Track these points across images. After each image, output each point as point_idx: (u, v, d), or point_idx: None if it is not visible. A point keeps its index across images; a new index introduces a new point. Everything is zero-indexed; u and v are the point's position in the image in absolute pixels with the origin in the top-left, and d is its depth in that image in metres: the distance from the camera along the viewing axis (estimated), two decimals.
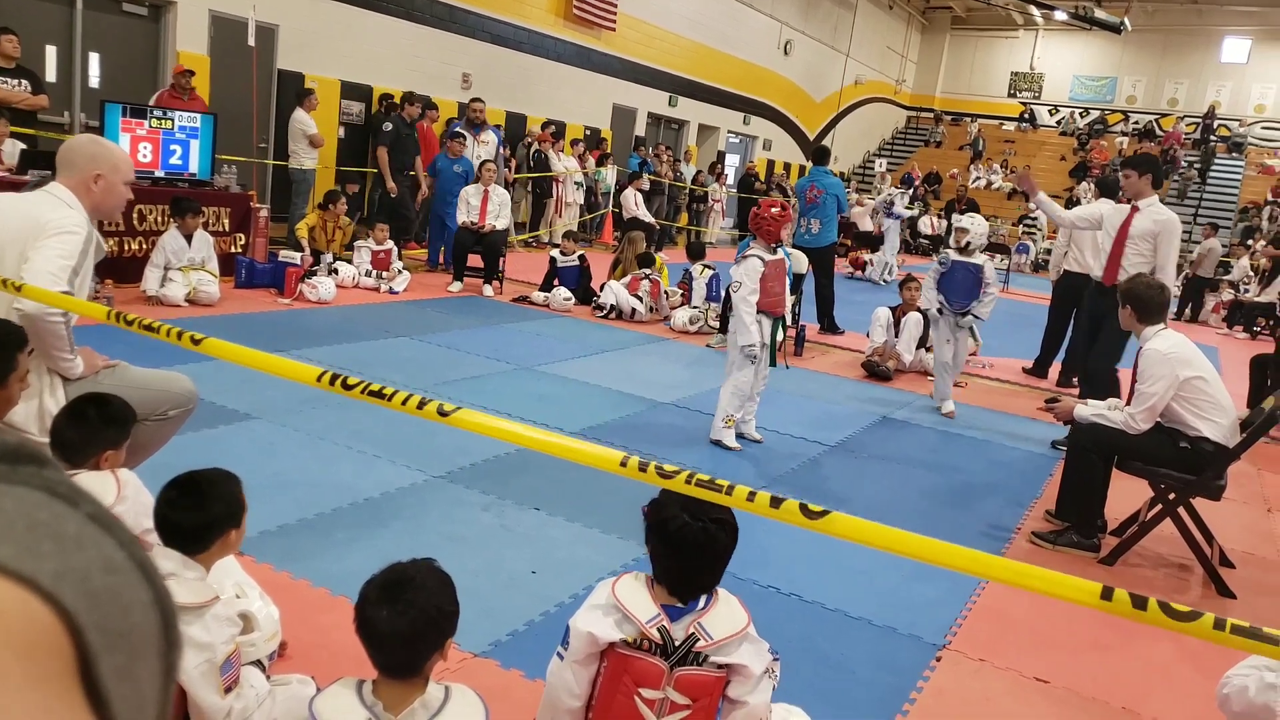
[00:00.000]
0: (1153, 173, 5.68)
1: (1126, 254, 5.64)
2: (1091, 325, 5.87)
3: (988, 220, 20.51)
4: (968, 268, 6.10)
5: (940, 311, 6.15)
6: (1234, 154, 24.32)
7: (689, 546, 1.82)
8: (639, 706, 1.85)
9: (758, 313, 4.77)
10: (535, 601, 3.03)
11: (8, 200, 2.75)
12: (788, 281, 5.09)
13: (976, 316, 6.11)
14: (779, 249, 4.92)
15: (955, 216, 6.57)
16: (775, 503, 1.56)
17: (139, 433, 2.52)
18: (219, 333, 6.48)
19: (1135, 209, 5.67)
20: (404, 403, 1.84)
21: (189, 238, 6.84)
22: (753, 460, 4.88)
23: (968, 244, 6.08)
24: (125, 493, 2.27)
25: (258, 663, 2.17)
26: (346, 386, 1.89)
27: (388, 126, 9.71)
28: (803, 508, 1.54)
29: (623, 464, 1.67)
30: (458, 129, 10.22)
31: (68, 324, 2.59)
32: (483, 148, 10.13)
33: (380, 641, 1.67)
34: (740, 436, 5.03)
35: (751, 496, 1.57)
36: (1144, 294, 4.10)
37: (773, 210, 4.87)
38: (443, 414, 1.82)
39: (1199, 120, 24.93)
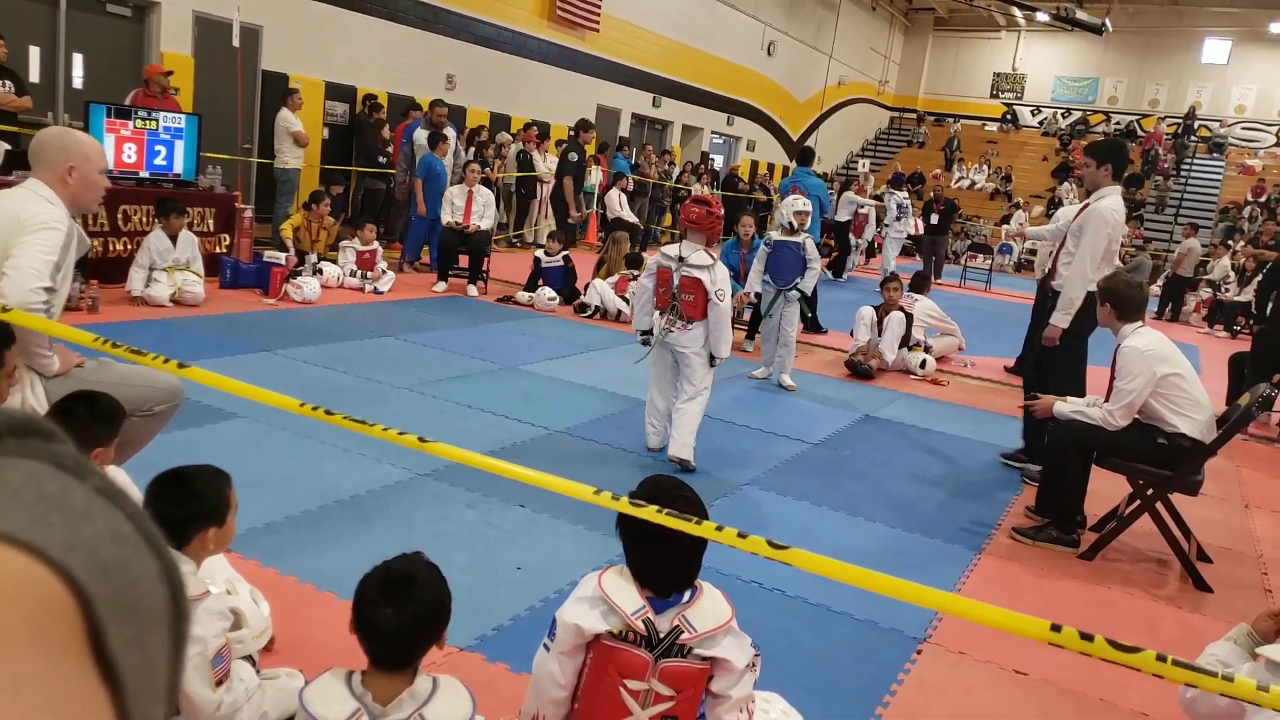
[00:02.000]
0: (1113, 163, 4.82)
1: (1060, 254, 5.00)
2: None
3: (969, 220, 20.41)
4: (790, 247, 6.51)
5: (766, 287, 6.61)
6: (1214, 154, 24.56)
7: (654, 538, 1.84)
8: (624, 697, 1.88)
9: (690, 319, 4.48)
10: (521, 596, 3.06)
11: None
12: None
13: (800, 290, 6.58)
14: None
15: (789, 199, 6.93)
16: (742, 535, 1.62)
17: (126, 428, 2.53)
18: (204, 333, 6.45)
19: (1086, 205, 4.94)
20: (384, 431, 1.88)
21: (174, 238, 6.83)
22: (735, 459, 4.92)
23: (800, 225, 6.54)
24: None
25: (248, 657, 2.19)
26: (328, 415, 1.93)
27: (574, 156, 9.79)
28: (768, 542, 1.60)
29: (596, 493, 1.74)
30: (418, 129, 10.24)
31: (49, 313, 2.60)
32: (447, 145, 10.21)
33: (385, 638, 1.70)
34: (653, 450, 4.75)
35: (719, 529, 1.63)
36: (1123, 291, 4.14)
37: (715, 210, 4.57)
38: (422, 441, 1.86)
39: (1180, 121, 25.17)
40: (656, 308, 4.60)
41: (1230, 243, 17.28)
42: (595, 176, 14.67)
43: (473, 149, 11.09)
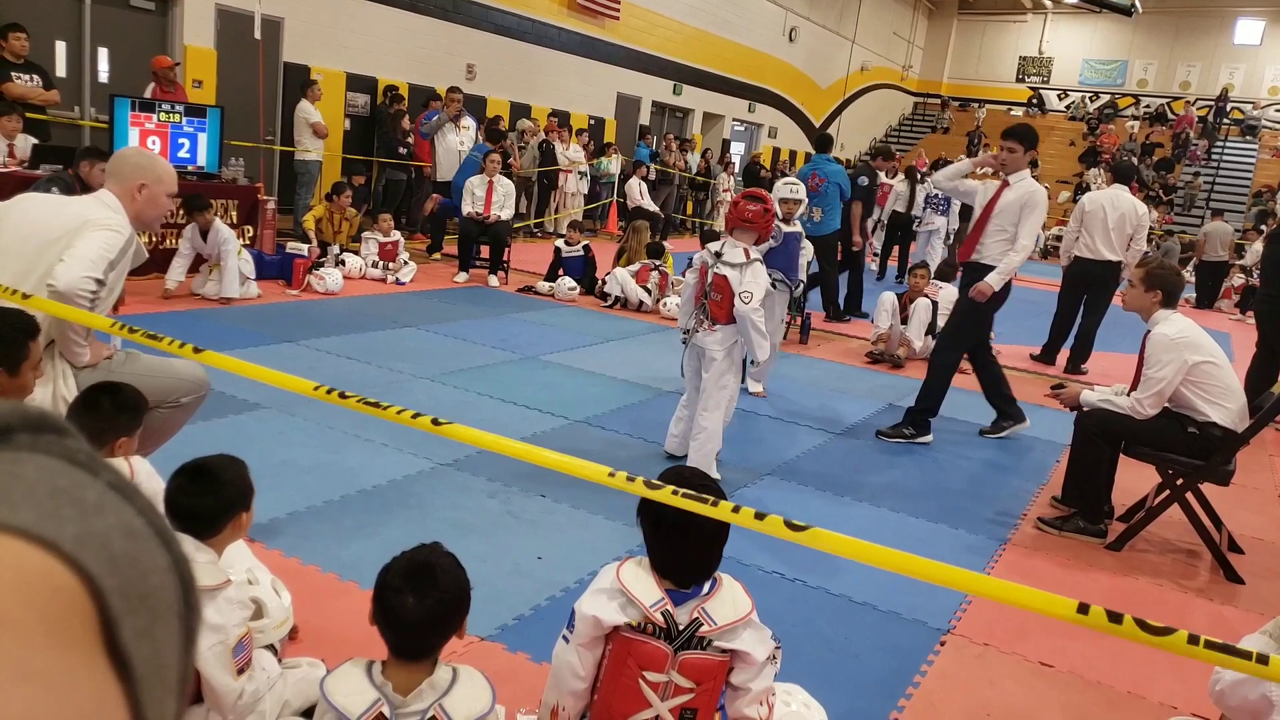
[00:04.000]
0: (1034, 148, 5.24)
1: (988, 230, 5.15)
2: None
3: None
4: (796, 237, 6.07)
5: (775, 287, 5.60)
6: (1247, 137, 24.11)
7: (676, 527, 1.83)
8: (643, 689, 1.87)
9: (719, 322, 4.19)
10: (541, 586, 3.06)
11: (59, 202, 2.93)
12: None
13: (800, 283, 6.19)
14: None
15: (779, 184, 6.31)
16: (759, 516, 1.58)
17: (152, 420, 2.56)
18: (228, 324, 6.49)
19: (1005, 184, 5.13)
20: (398, 414, 1.86)
21: (204, 233, 6.80)
22: (756, 449, 4.89)
23: (787, 214, 6.08)
24: (138, 479, 2.30)
25: (270, 646, 2.20)
26: (343, 398, 1.93)
27: (864, 180, 9.16)
28: (786, 522, 1.56)
29: (610, 475, 1.70)
30: (435, 117, 10.23)
31: (93, 307, 2.65)
32: (464, 133, 10.18)
33: (405, 627, 1.70)
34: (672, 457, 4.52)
35: (736, 510, 1.60)
36: (1173, 280, 4.05)
37: (770, 207, 4.29)
38: (436, 424, 1.84)
39: (1211, 103, 24.72)
40: (696, 305, 4.29)
41: (1264, 227, 16.97)
42: (615, 165, 14.65)
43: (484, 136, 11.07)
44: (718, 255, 4.17)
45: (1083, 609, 1.38)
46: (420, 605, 1.67)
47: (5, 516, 0.29)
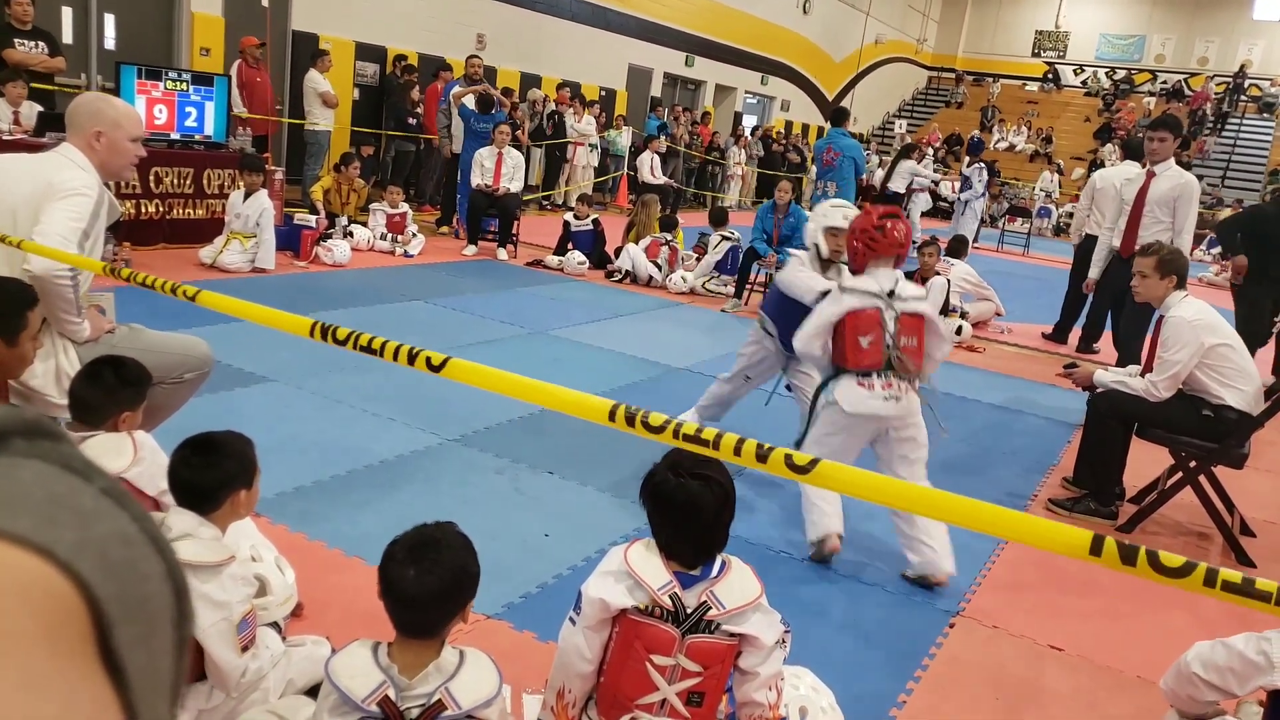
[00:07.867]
0: (1182, 136, 5.63)
1: (1145, 222, 5.41)
2: (1115, 297, 5.75)
3: (1009, 184, 19.77)
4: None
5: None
6: (1264, 115, 23.77)
7: (676, 506, 1.82)
8: (650, 673, 1.85)
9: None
10: (548, 564, 3.04)
11: (21, 162, 2.75)
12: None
13: None
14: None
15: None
16: (762, 454, 1.51)
17: (155, 395, 2.53)
18: (235, 295, 6.45)
19: (1152, 174, 5.43)
20: (395, 355, 1.81)
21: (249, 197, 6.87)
22: (763, 426, 4.86)
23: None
24: (141, 454, 2.27)
25: (274, 624, 2.19)
26: (337, 340, 1.87)
27: None
28: (788, 459, 1.49)
29: (611, 416, 1.64)
30: (456, 86, 10.13)
31: (75, 287, 2.60)
32: None
33: (406, 602, 1.68)
34: None
35: (739, 448, 1.53)
36: (1183, 263, 4.03)
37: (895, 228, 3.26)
38: (432, 366, 1.78)
39: (1229, 80, 24.35)
40: (858, 367, 3.19)
41: None
42: (626, 138, 14.52)
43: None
44: (890, 294, 3.22)
45: (1095, 547, 1.33)
46: (419, 580, 1.64)
47: (2, 523, 0.30)
